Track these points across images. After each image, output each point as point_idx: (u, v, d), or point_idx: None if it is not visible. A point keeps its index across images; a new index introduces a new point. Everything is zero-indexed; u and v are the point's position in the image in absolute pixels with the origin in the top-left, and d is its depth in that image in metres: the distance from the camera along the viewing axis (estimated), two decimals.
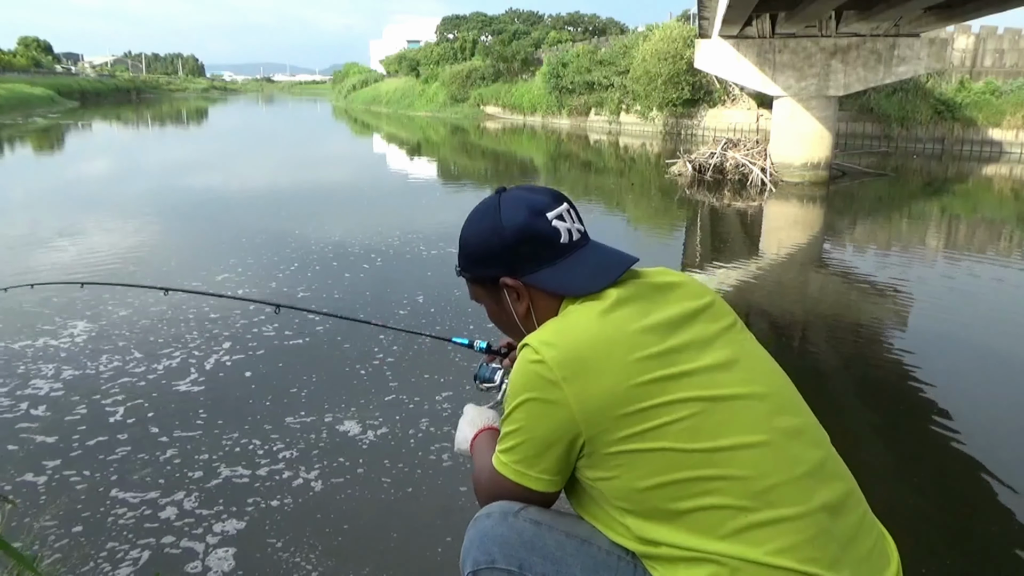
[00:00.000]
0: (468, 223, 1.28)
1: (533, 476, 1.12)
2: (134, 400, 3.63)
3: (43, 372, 3.95)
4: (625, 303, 1.13)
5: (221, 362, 4.13)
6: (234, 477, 2.93)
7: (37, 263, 6.29)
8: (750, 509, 1.00)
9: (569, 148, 20.65)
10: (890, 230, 9.49)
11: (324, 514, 2.69)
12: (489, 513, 1.22)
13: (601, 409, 1.04)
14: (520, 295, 1.23)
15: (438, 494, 2.83)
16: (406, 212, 9.78)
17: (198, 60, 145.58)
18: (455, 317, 4.88)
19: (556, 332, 1.11)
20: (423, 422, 3.40)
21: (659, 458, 1.03)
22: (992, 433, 3.53)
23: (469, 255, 1.28)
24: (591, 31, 39.69)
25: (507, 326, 1.32)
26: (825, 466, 1.09)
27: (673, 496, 1.03)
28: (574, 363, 1.06)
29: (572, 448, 1.08)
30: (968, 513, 2.85)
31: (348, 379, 3.92)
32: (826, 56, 12.31)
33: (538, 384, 1.07)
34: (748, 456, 1.03)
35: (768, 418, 1.07)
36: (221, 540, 2.53)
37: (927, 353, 4.63)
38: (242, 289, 5.46)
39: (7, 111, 32.25)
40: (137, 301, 5.14)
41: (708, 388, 1.06)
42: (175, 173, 14.20)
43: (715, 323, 1.16)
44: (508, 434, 1.14)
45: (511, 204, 1.22)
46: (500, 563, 1.18)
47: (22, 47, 66.40)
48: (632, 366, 1.05)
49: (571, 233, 1.21)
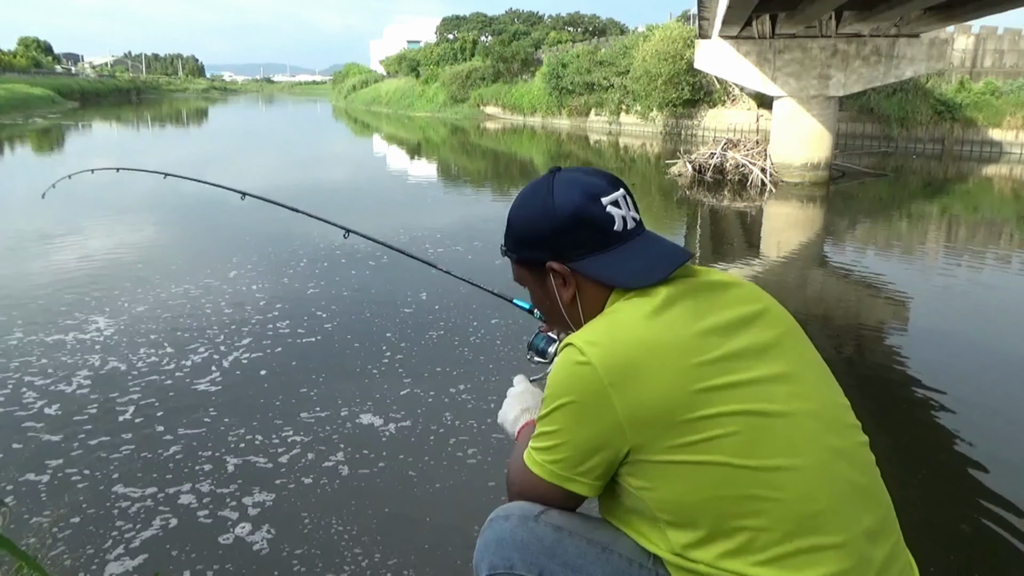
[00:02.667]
0: (518, 202, 1.21)
1: (572, 479, 1.07)
2: (141, 397, 3.64)
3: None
4: (677, 302, 1.06)
5: (239, 360, 4.14)
6: (237, 476, 2.93)
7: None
8: (795, 534, 0.97)
9: (569, 148, 20.65)
10: (890, 230, 9.49)
11: (325, 514, 2.69)
12: (507, 515, 1.18)
13: (651, 418, 0.99)
14: (567, 281, 1.16)
15: (458, 488, 2.83)
16: (415, 210, 9.79)
17: (198, 60, 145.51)
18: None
19: (603, 332, 1.05)
20: (446, 415, 3.40)
21: (710, 472, 0.98)
22: (992, 433, 3.53)
23: (516, 236, 1.21)
24: (591, 31, 39.69)
25: (550, 313, 1.26)
26: (869, 490, 1.06)
27: (720, 512, 0.98)
28: (623, 368, 1.00)
29: (615, 455, 1.03)
30: (968, 513, 2.84)
31: (361, 376, 3.94)
32: (826, 56, 12.31)
33: (582, 388, 1.02)
34: (798, 478, 0.98)
35: (820, 438, 1.02)
36: (222, 539, 2.53)
37: (927, 353, 4.64)
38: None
39: (7, 111, 32.24)
40: (154, 296, 5.17)
41: (762, 401, 1.00)
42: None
43: (770, 330, 1.09)
44: (546, 434, 1.08)
45: (565, 185, 1.15)
46: (519, 568, 1.14)
47: (22, 47, 66.40)
48: (685, 373, 1.00)
49: (626, 221, 1.14)
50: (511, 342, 4.42)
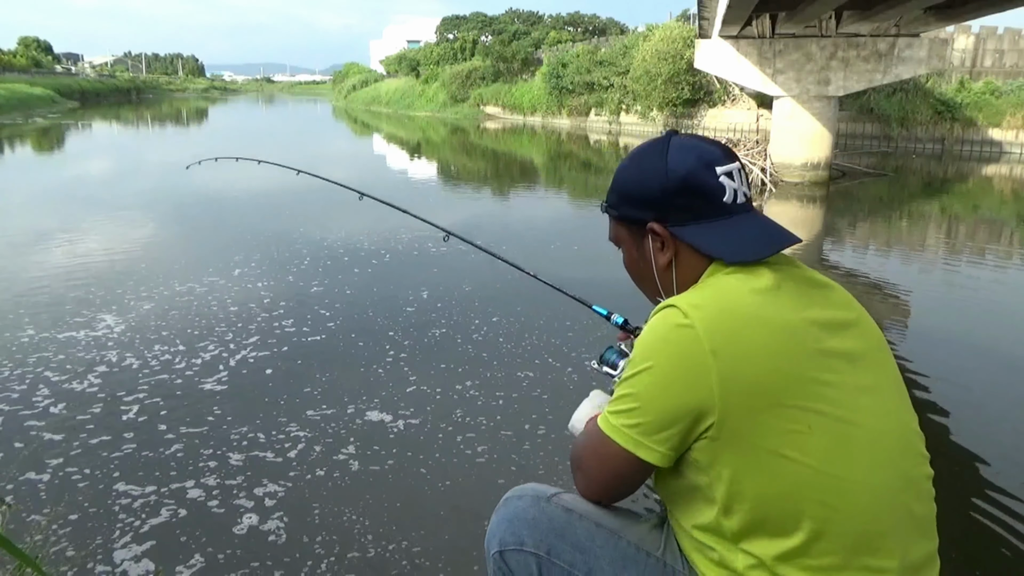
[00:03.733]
0: (630, 160, 1.18)
1: (647, 446, 1.01)
2: (147, 395, 3.64)
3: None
4: (782, 287, 1.02)
5: (246, 359, 4.15)
6: (241, 471, 2.94)
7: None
8: (853, 550, 0.95)
9: (569, 148, 20.66)
10: (890, 230, 9.49)
11: (326, 514, 2.70)
12: (521, 495, 1.20)
13: (746, 394, 0.94)
14: (665, 245, 1.12)
15: (468, 483, 2.84)
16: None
17: (198, 60, 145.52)
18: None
19: (710, 297, 1.00)
20: (455, 412, 3.41)
21: (789, 467, 0.94)
22: (992, 432, 3.53)
23: (623, 192, 1.17)
24: (591, 31, 39.67)
25: (642, 276, 1.20)
26: (924, 524, 1.04)
27: (788, 511, 0.95)
28: (728, 336, 0.95)
29: (698, 426, 0.97)
30: (968, 512, 2.84)
31: (366, 374, 3.95)
32: (826, 56, 12.32)
33: (680, 351, 0.96)
34: (870, 495, 0.96)
35: (896, 461, 1.00)
36: (224, 536, 2.54)
37: (927, 352, 4.64)
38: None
39: (7, 111, 32.24)
40: (159, 294, 5.17)
41: (849, 409, 0.98)
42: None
43: (863, 340, 1.06)
44: (628, 395, 1.02)
45: (680, 149, 1.11)
46: (528, 546, 1.16)
47: (22, 47, 66.37)
48: (791, 356, 0.96)
49: (736, 194, 1.10)
50: (513, 340, 4.42)
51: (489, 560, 1.21)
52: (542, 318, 4.77)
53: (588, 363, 1.58)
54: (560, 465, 2.98)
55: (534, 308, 4.93)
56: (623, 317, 1.60)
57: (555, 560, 1.14)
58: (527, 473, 2.93)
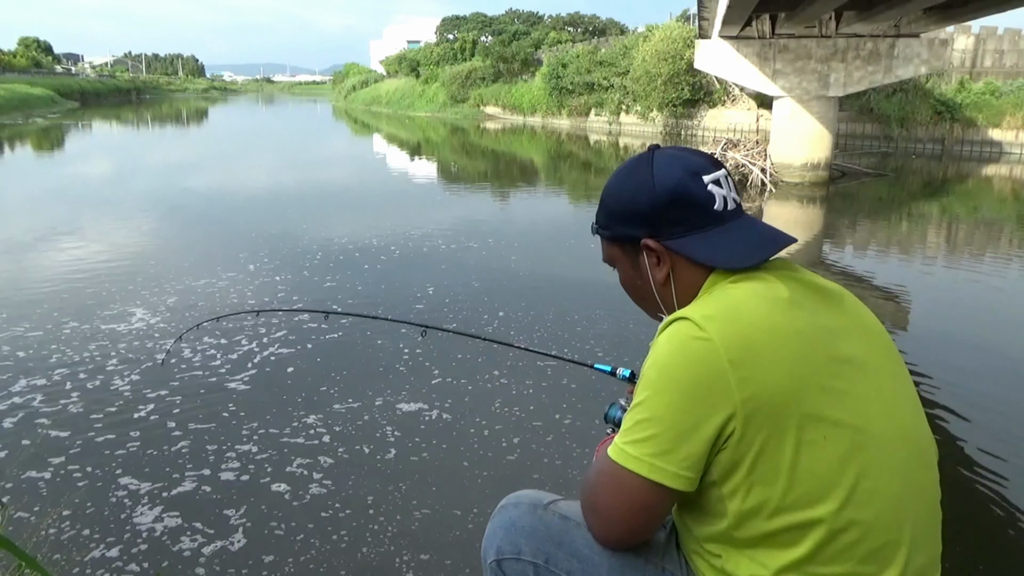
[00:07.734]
0: (615, 178, 1.15)
1: (673, 472, 0.95)
2: (150, 396, 3.64)
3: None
4: (790, 293, 1.00)
5: (268, 359, 4.15)
6: (241, 474, 2.94)
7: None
8: (860, 560, 0.95)
9: (569, 148, 20.65)
10: (890, 230, 9.49)
11: (325, 513, 2.70)
12: (517, 502, 1.19)
13: (766, 403, 0.92)
14: (661, 260, 1.10)
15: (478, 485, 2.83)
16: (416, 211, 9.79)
17: (198, 60, 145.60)
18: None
19: (721, 308, 0.98)
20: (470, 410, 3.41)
21: (804, 480, 0.93)
22: (992, 432, 3.53)
23: (612, 211, 1.14)
24: (591, 31, 39.69)
25: (641, 294, 1.18)
26: (930, 530, 1.05)
27: (800, 522, 0.94)
28: (746, 346, 0.93)
29: (719, 440, 0.94)
30: (968, 512, 2.84)
31: (384, 374, 3.95)
32: (826, 56, 12.32)
33: (698, 366, 0.93)
34: (881, 506, 0.95)
35: (907, 468, 1.00)
36: (225, 535, 2.54)
37: (927, 352, 4.64)
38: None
39: (7, 111, 32.24)
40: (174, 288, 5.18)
41: (863, 417, 0.96)
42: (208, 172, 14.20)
43: (871, 346, 1.04)
44: (645, 421, 0.96)
45: (665, 162, 1.10)
46: (526, 555, 1.15)
47: (22, 47, 66.41)
48: (808, 364, 0.94)
49: (727, 201, 1.08)
50: (524, 334, 4.41)
51: (486, 569, 1.20)
52: (550, 314, 4.77)
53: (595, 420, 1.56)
54: (560, 467, 2.98)
55: (535, 308, 4.92)
56: (629, 370, 1.57)
57: (553, 568, 1.13)
58: (522, 480, 2.94)
